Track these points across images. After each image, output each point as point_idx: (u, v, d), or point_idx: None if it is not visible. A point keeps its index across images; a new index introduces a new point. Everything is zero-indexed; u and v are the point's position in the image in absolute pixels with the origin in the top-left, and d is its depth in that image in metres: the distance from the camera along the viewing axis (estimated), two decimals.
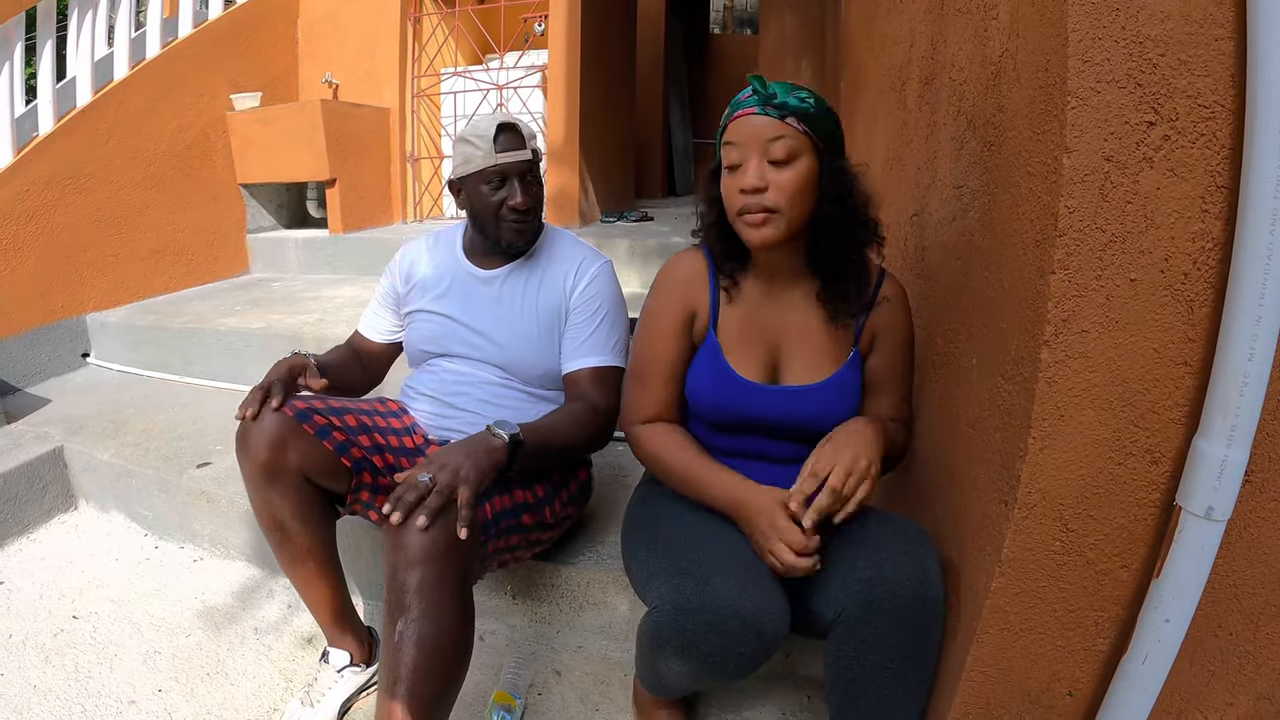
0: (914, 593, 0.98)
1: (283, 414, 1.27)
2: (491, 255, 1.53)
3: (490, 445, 1.22)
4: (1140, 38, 0.71)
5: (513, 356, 1.49)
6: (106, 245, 3.07)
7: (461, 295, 1.54)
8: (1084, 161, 0.73)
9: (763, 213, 1.05)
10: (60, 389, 2.75)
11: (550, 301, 1.50)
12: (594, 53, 3.88)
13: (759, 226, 1.06)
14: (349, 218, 3.81)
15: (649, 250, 3.32)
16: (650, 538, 1.17)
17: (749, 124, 1.06)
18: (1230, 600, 0.87)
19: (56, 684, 1.48)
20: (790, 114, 1.04)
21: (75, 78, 2.96)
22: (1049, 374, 0.78)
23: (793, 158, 1.05)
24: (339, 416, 1.36)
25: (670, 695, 1.28)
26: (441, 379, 1.53)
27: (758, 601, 0.97)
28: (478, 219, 1.48)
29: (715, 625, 0.97)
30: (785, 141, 1.04)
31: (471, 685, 1.42)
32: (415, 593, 1.06)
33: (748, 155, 1.06)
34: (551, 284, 1.51)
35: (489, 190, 1.43)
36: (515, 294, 1.52)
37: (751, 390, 1.17)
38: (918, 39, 1.40)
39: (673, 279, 1.24)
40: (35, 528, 2.09)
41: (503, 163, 1.41)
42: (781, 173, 1.05)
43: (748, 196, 1.06)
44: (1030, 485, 0.82)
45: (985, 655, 0.92)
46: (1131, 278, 0.75)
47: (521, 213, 1.44)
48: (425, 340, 1.55)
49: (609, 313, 1.51)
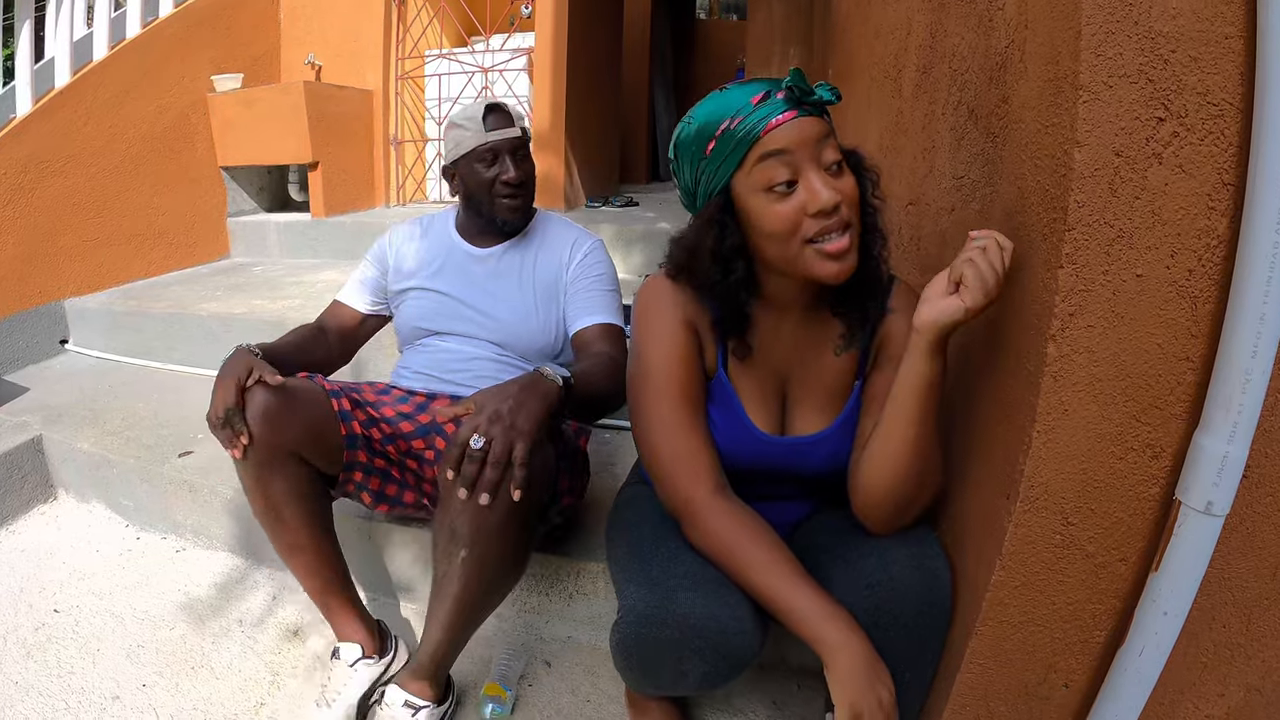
0: (923, 599, 0.94)
1: (274, 387, 1.22)
2: (486, 234, 1.57)
3: (544, 389, 1.10)
4: (1152, 33, 0.70)
5: (511, 332, 1.51)
6: (85, 229, 3.01)
7: (457, 272, 1.55)
8: (1095, 156, 0.72)
9: (846, 234, 0.89)
10: (38, 376, 2.70)
11: (548, 276, 1.53)
12: (581, 36, 3.85)
13: (843, 255, 0.89)
14: (331, 201, 3.76)
15: (634, 236, 3.31)
16: (630, 542, 1.10)
17: (800, 128, 0.88)
18: (1224, 593, 0.88)
19: (39, 680, 1.45)
20: (823, 111, 0.91)
21: (54, 58, 2.90)
22: (1054, 368, 0.78)
23: (840, 160, 0.90)
24: None
25: (650, 694, 1.26)
26: (436, 358, 1.53)
27: (721, 621, 0.92)
28: (472, 198, 1.51)
29: (677, 641, 0.92)
30: (833, 141, 0.89)
31: (461, 677, 1.42)
32: (471, 542, 1.11)
33: (802, 167, 0.88)
34: (548, 259, 1.54)
35: (482, 168, 1.47)
36: (512, 269, 1.54)
37: (763, 442, 1.05)
38: (915, 27, 1.38)
39: (663, 303, 1.03)
40: (14, 519, 2.05)
41: (493, 139, 1.46)
42: (843, 181, 0.89)
43: (825, 219, 0.88)
44: (1033, 479, 0.82)
45: (983, 647, 0.92)
46: (1138, 273, 0.75)
47: (515, 186, 1.48)
48: (420, 317, 1.55)
49: (609, 281, 1.54)
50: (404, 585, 1.70)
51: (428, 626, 1.23)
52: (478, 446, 1.02)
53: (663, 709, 1.30)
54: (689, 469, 0.99)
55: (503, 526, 1.11)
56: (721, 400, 1.04)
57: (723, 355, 1.04)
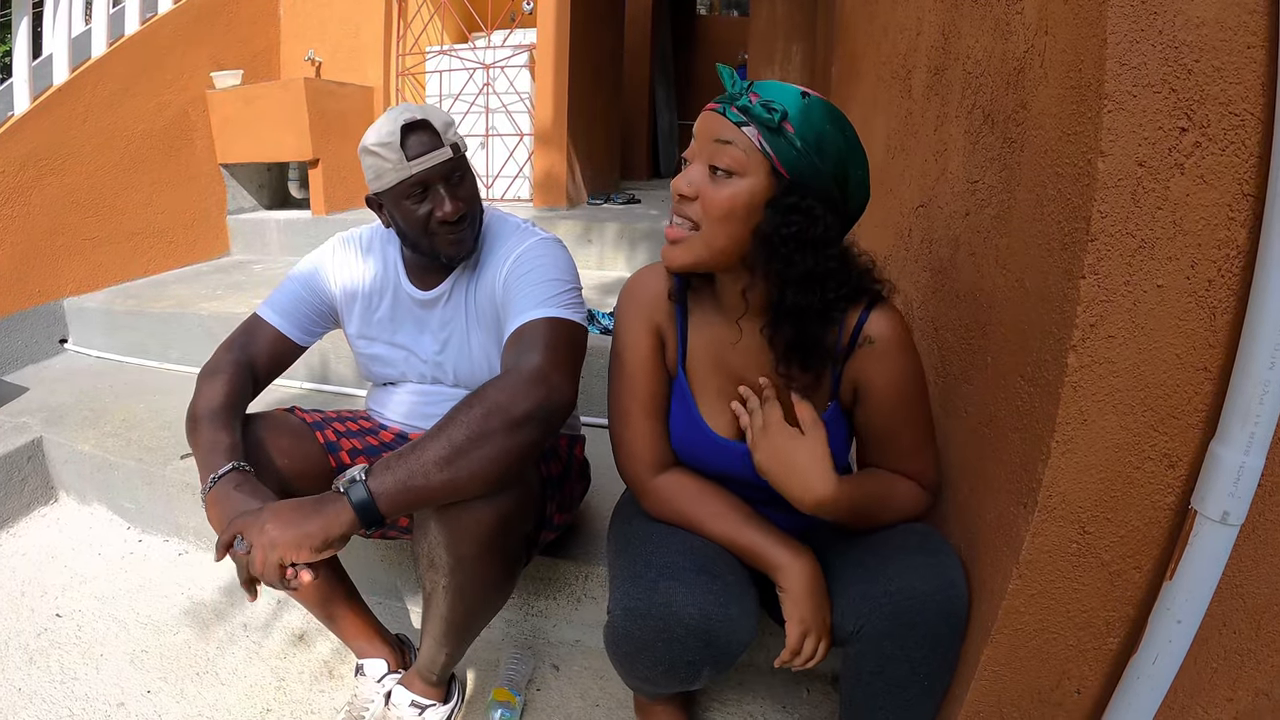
0: (941, 607, 0.93)
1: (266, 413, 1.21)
2: (430, 271, 1.34)
3: (326, 516, 0.97)
4: (1176, 42, 0.70)
5: (473, 375, 1.35)
6: (84, 228, 3.00)
7: (409, 322, 1.38)
8: (1118, 166, 0.72)
9: (684, 227, 0.94)
10: (38, 376, 2.69)
11: (490, 306, 1.32)
12: (583, 31, 3.83)
13: (672, 243, 0.95)
14: (332, 198, 3.75)
15: (638, 235, 3.30)
16: (620, 541, 1.13)
17: (708, 121, 0.93)
18: (1235, 599, 0.88)
19: (41, 686, 1.44)
20: (753, 122, 0.89)
21: (52, 55, 2.88)
22: (1075, 378, 0.78)
23: (736, 172, 0.90)
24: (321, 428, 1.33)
25: (649, 695, 1.26)
26: (409, 404, 1.42)
27: (704, 608, 0.93)
28: (407, 237, 1.28)
29: (661, 631, 0.94)
30: (733, 150, 0.89)
31: (469, 680, 1.42)
32: (452, 570, 1.07)
33: (697, 154, 0.93)
34: (487, 285, 1.31)
35: (412, 205, 1.22)
36: (458, 312, 1.35)
37: (718, 446, 1.08)
38: (926, 28, 1.38)
39: (635, 302, 1.10)
40: (14, 522, 2.05)
41: (419, 171, 1.19)
42: (718, 187, 0.91)
43: (677, 202, 0.94)
44: (1051, 488, 0.82)
45: (999, 654, 0.92)
46: (1158, 284, 0.75)
47: (454, 222, 1.23)
48: (384, 366, 1.42)
49: (536, 275, 1.24)
50: (411, 590, 1.70)
51: (423, 638, 1.23)
52: (240, 550, 0.97)
53: (670, 713, 1.30)
54: (641, 453, 1.09)
55: (480, 559, 1.08)
56: (679, 398, 1.10)
57: (682, 356, 1.09)
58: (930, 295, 1.28)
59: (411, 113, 1.20)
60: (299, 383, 2.49)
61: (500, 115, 4.01)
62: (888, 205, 1.62)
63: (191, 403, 1.22)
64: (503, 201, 4.02)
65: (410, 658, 1.43)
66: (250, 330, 1.35)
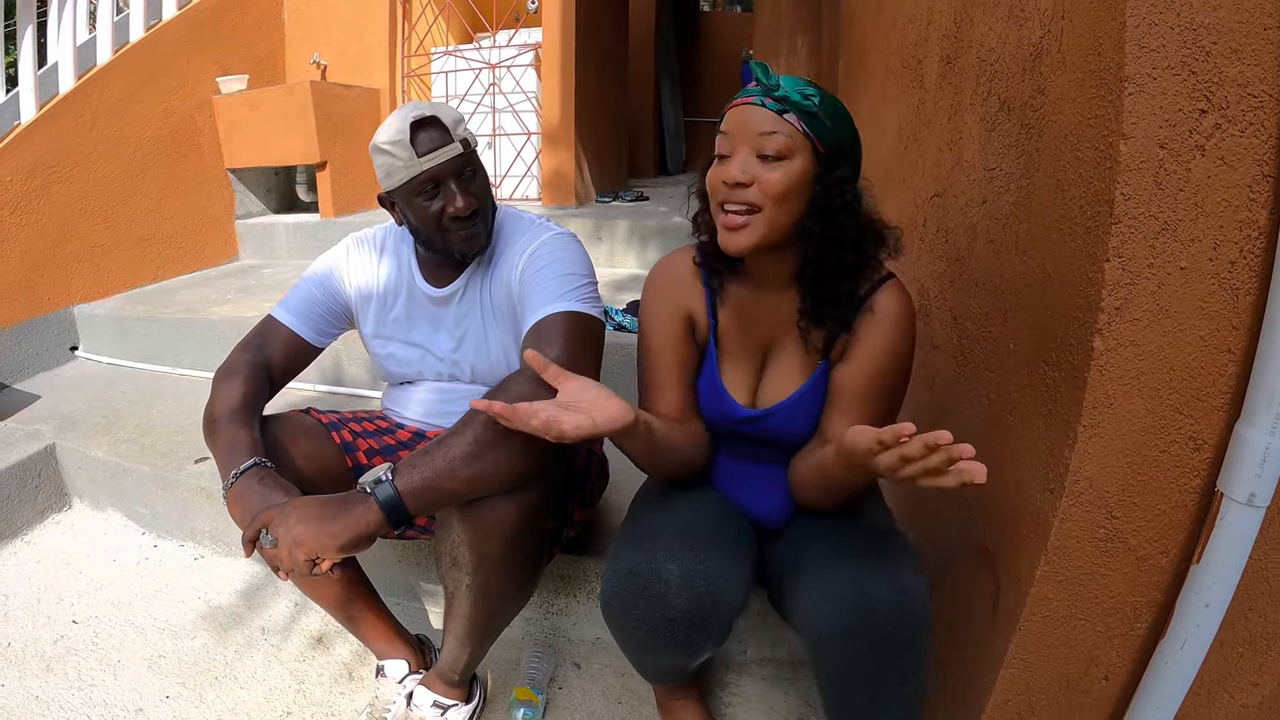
0: (891, 614, 0.91)
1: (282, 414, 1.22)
2: (444, 268, 1.34)
3: (352, 515, 0.99)
4: (1194, 24, 0.70)
5: (491, 373, 1.35)
6: (92, 235, 3.00)
7: (424, 320, 1.38)
8: (1140, 149, 0.72)
9: (743, 212, 0.98)
10: (49, 384, 2.70)
11: (505, 302, 1.32)
12: (588, 29, 3.83)
13: (735, 230, 0.99)
14: (340, 201, 3.75)
15: (648, 231, 3.30)
16: (629, 519, 1.19)
17: (744, 115, 0.98)
18: (1260, 583, 0.88)
19: (59, 694, 1.44)
20: (791, 110, 0.96)
21: (57, 63, 2.88)
22: (1101, 362, 0.77)
23: (785, 156, 0.96)
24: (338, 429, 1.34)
25: (661, 680, 1.28)
26: (427, 402, 1.41)
27: (684, 563, 0.96)
28: (420, 234, 1.28)
29: (642, 589, 0.97)
30: (780, 138, 0.96)
31: (491, 680, 1.42)
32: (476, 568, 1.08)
33: (737, 147, 0.99)
34: (502, 280, 1.31)
35: (424, 202, 1.22)
36: (473, 308, 1.34)
37: (735, 412, 1.14)
38: (937, 17, 1.37)
39: (663, 285, 1.16)
40: (29, 529, 2.05)
41: (430, 167, 1.19)
42: (771, 170, 0.96)
43: (730, 190, 0.98)
44: (1078, 473, 0.82)
45: (1027, 642, 0.92)
46: (1182, 265, 0.75)
47: (466, 218, 1.23)
48: (400, 365, 1.42)
49: (554, 270, 1.24)
50: (429, 591, 1.70)
51: (445, 638, 1.24)
52: (265, 544, 1.00)
53: (690, 708, 1.31)
54: (650, 409, 1.14)
55: (505, 557, 1.09)
56: (706, 367, 1.16)
57: (714, 327, 1.15)
58: (948, 284, 1.27)
59: (421, 110, 1.20)
60: (312, 385, 2.49)
61: (507, 115, 4.01)
62: (901, 196, 1.61)
63: (209, 404, 1.22)
64: (511, 201, 4.02)
65: (431, 658, 1.43)
66: (265, 332, 1.35)
